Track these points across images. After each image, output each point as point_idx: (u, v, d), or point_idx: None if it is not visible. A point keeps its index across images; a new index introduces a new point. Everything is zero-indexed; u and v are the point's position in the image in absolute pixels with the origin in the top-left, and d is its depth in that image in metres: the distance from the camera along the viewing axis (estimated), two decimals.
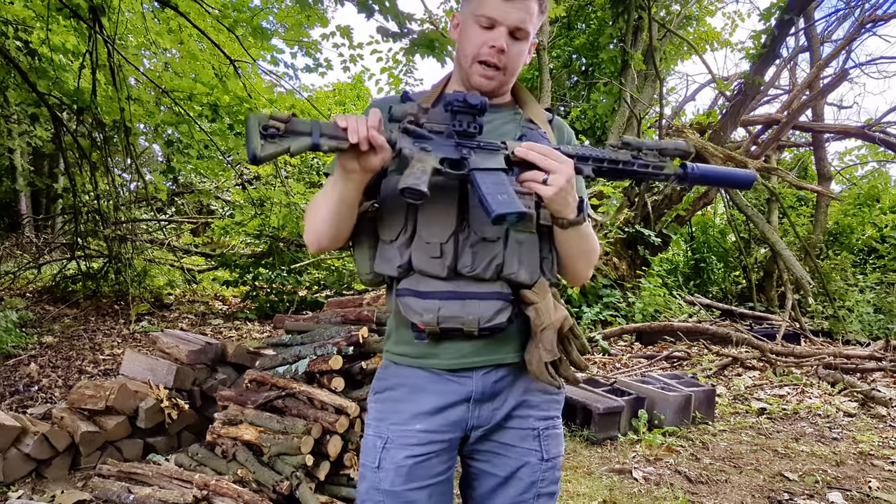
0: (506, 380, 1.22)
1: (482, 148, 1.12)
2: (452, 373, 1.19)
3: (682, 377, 4.46)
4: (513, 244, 1.15)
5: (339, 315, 3.05)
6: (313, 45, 6.47)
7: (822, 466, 3.40)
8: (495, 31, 1.18)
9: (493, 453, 1.24)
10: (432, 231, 1.14)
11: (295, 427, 2.57)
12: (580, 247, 1.21)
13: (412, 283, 1.16)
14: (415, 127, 1.09)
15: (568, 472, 3.15)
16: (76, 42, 5.81)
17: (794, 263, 7.11)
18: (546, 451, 1.25)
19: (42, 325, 5.68)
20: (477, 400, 1.20)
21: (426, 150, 1.08)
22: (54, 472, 2.83)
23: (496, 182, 1.07)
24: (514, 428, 1.24)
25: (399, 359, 1.24)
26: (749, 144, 9.38)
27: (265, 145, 1.02)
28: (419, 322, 1.14)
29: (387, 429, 1.22)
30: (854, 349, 6.18)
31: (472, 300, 1.13)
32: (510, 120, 1.28)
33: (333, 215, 1.15)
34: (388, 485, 1.19)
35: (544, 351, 1.15)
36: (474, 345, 1.18)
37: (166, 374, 3.21)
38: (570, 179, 1.09)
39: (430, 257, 1.13)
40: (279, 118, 1.04)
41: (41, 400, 3.82)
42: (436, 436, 1.20)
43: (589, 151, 1.16)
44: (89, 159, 6.17)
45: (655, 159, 1.18)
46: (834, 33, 10.63)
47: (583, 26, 12.23)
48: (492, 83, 1.22)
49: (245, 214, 7.80)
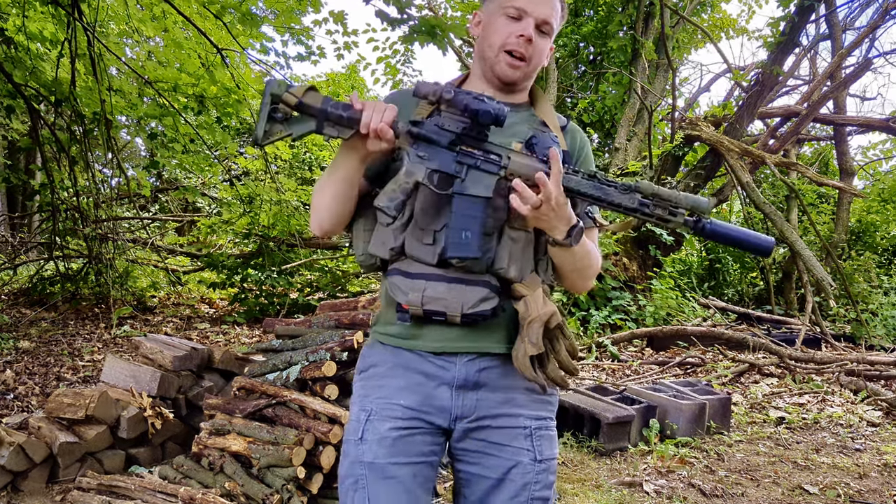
0: (492, 371, 1.27)
1: (479, 168, 1.19)
2: (436, 355, 1.26)
3: (696, 384, 4.47)
4: (506, 240, 1.23)
5: (333, 319, 3.05)
6: (305, 32, 6.46)
7: (844, 479, 3.40)
8: (524, 21, 1.27)
9: (483, 453, 1.27)
10: (428, 218, 1.22)
11: (286, 437, 2.57)
12: (573, 264, 1.27)
13: (402, 265, 1.24)
14: (420, 131, 1.19)
15: (575, 485, 3.15)
16: (54, 29, 5.80)
17: (814, 264, 7.11)
18: (539, 452, 1.27)
19: (18, 329, 5.68)
20: (460, 386, 1.25)
21: (421, 158, 1.19)
22: (31, 485, 2.83)
23: (469, 216, 1.17)
24: (504, 427, 1.27)
25: (385, 339, 1.31)
26: (767, 138, 9.38)
27: (270, 129, 1.16)
28: (404, 301, 1.22)
29: (371, 402, 1.28)
30: (878, 355, 6.18)
31: (458, 284, 1.20)
32: (524, 120, 1.34)
33: (335, 195, 1.25)
34: (370, 457, 1.23)
35: (529, 344, 1.19)
36: (459, 330, 1.24)
37: (150, 382, 3.21)
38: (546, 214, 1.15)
39: (423, 243, 1.22)
40: (288, 100, 1.15)
41: (17, 409, 3.82)
42: (420, 414, 1.25)
43: (587, 189, 1.18)
44: (68, 154, 6.17)
45: (664, 213, 1.17)
46: (857, 20, 10.63)
47: (591, 13, 12.23)
48: (517, 73, 1.30)
49: (233, 212, 7.80)
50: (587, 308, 7.34)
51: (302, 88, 1.17)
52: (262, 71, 7.18)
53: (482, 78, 1.35)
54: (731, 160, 7.86)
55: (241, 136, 12.07)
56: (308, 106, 1.16)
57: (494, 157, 1.19)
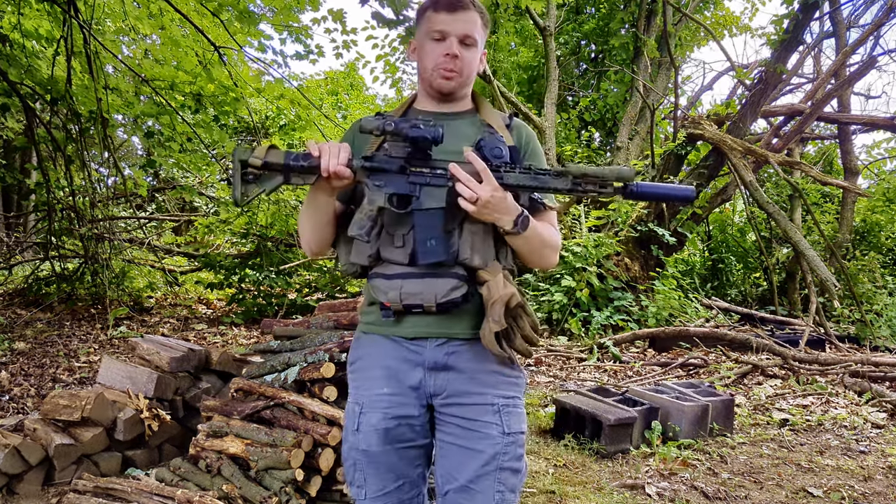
0: (459, 355, 1.46)
1: (429, 184, 1.40)
2: (410, 340, 1.47)
3: (699, 386, 4.46)
4: (467, 234, 1.42)
5: (332, 319, 3.05)
6: (304, 31, 6.46)
7: (848, 482, 3.40)
8: (447, 41, 1.48)
9: (457, 427, 1.46)
10: (395, 227, 1.43)
11: (284, 439, 2.57)
12: (529, 248, 1.45)
13: (380, 269, 1.45)
14: (372, 164, 1.40)
15: (577, 488, 3.15)
16: (50, 27, 5.80)
17: (818, 264, 7.11)
18: (507, 426, 1.45)
19: (13, 330, 5.69)
20: (431, 368, 1.46)
21: (378, 187, 1.39)
22: (26, 488, 2.83)
23: (430, 226, 1.39)
24: (475, 404, 1.45)
25: (367, 328, 1.54)
26: (770, 137, 9.38)
27: (245, 190, 1.38)
28: (385, 300, 1.42)
29: (361, 395, 1.51)
30: (883, 356, 6.17)
31: (430, 278, 1.40)
32: (471, 124, 1.55)
33: (315, 224, 1.49)
34: (365, 445, 1.47)
35: (493, 322, 1.38)
36: (432, 318, 1.44)
37: (146, 383, 3.21)
38: (488, 203, 1.33)
39: (395, 247, 1.43)
40: (254, 163, 1.35)
41: (12, 410, 3.82)
42: (403, 399, 1.47)
43: (525, 181, 1.39)
44: (64, 153, 6.17)
45: (595, 187, 1.36)
46: (861, 18, 10.62)
47: (592, 10, 12.23)
48: (452, 84, 1.51)
49: (230, 212, 7.80)
50: (589, 309, 7.34)
51: (263, 150, 1.37)
52: (260, 69, 7.19)
53: (426, 95, 1.57)
54: (734, 159, 7.87)
55: (239, 135, 12.07)
56: (272, 164, 1.36)
57: (441, 172, 1.39)
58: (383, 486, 1.49)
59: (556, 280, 7.49)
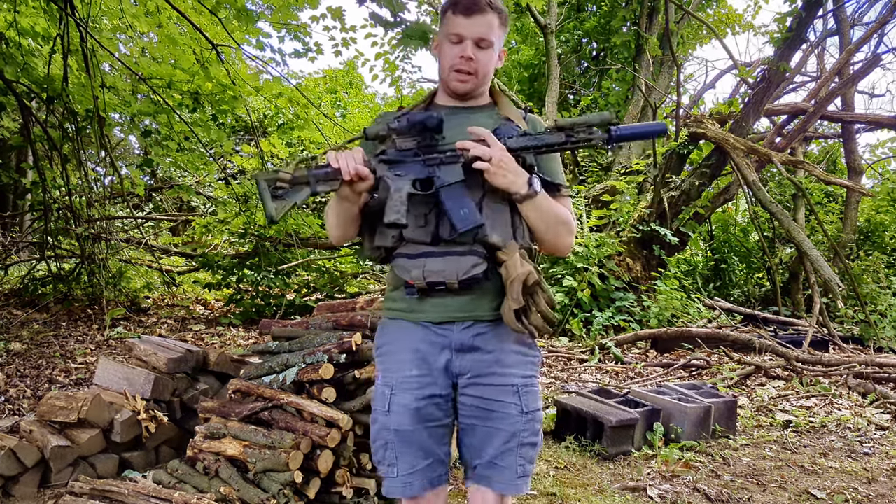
0: (484, 336, 1.56)
1: (444, 163, 1.52)
2: (437, 325, 1.57)
3: (701, 387, 4.46)
4: (486, 211, 1.52)
5: (331, 320, 3.05)
6: (302, 29, 6.46)
7: (852, 484, 3.40)
8: (463, 44, 1.58)
9: (479, 408, 1.58)
10: (418, 207, 1.54)
11: (282, 441, 2.57)
12: (545, 222, 1.55)
13: (404, 249, 1.55)
14: (387, 157, 1.54)
15: (578, 490, 3.15)
16: (46, 25, 5.80)
17: (822, 264, 7.10)
18: (525, 405, 1.57)
19: (9, 331, 5.68)
20: (458, 350, 1.57)
21: (399, 176, 1.51)
22: (22, 490, 2.83)
23: (457, 197, 1.49)
24: (496, 384, 1.56)
25: (393, 314, 1.64)
26: (773, 136, 9.38)
27: (278, 206, 1.52)
28: (409, 278, 1.52)
29: (391, 378, 1.60)
30: (887, 357, 6.17)
31: (452, 256, 1.50)
32: (489, 116, 1.65)
33: (341, 221, 1.61)
34: (396, 425, 1.57)
35: (512, 300, 1.48)
36: (456, 300, 1.54)
37: (143, 384, 3.21)
38: (499, 161, 1.46)
39: (418, 227, 1.53)
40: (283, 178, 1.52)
41: (8, 412, 3.82)
42: (430, 379, 1.57)
43: (525, 142, 1.52)
44: (60, 152, 6.17)
45: (585, 134, 1.49)
46: (865, 16, 10.63)
47: (594, 7, 12.23)
48: (467, 86, 1.62)
49: (228, 211, 7.81)
50: (590, 309, 7.34)
51: (291, 167, 1.55)
52: (259, 67, 7.19)
53: (445, 92, 1.68)
54: (736, 158, 7.86)
55: (237, 134, 12.07)
56: (299, 177, 1.53)
57: (451, 152, 1.52)
58: (414, 465, 1.58)
59: (558, 280, 7.49)
